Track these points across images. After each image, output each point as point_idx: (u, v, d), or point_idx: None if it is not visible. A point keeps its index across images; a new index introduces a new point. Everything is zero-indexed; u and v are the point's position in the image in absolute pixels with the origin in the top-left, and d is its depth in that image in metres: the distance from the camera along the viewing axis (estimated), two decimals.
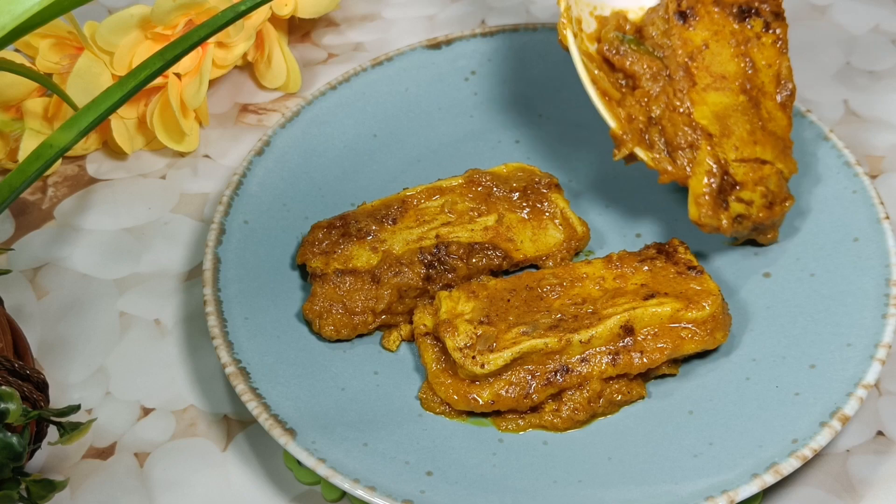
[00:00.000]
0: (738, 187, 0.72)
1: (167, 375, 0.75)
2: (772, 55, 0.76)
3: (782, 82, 0.75)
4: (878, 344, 0.68)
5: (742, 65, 0.75)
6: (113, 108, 0.58)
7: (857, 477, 0.68)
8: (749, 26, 0.76)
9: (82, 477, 0.69)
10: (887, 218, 0.75)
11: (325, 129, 0.86)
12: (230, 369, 0.68)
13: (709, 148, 0.71)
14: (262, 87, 0.97)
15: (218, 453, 0.70)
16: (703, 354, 0.71)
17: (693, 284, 0.71)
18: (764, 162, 0.73)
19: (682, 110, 0.72)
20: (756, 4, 0.76)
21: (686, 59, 0.74)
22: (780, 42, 0.76)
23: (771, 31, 0.76)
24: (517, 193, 0.78)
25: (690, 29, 0.75)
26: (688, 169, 0.71)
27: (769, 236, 0.76)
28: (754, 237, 0.75)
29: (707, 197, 0.71)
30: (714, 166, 0.71)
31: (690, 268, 0.72)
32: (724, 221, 0.71)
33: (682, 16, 0.75)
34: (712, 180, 0.71)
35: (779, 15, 0.77)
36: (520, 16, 1.04)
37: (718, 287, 0.71)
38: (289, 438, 0.64)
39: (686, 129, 0.72)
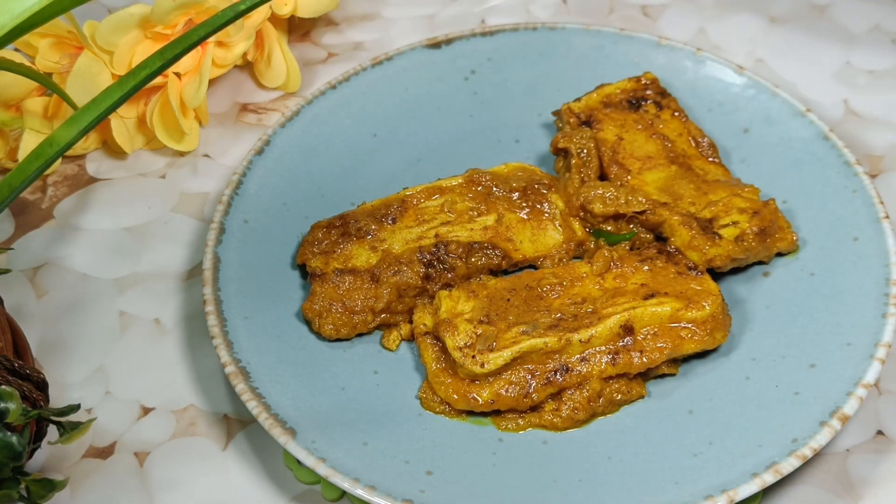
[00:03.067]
0: (713, 221, 0.75)
1: (167, 375, 0.75)
2: (677, 126, 0.83)
3: (698, 141, 0.82)
4: (878, 343, 0.68)
5: (658, 143, 0.81)
6: (113, 108, 0.59)
7: (856, 476, 0.68)
8: (645, 111, 0.84)
9: (82, 476, 0.69)
10: (887, 217, 0.75)
11: (325, 129, 0.86)
12: (230, 369, 0.68)
13: (668, 211, 0.75)
14: (261, 86, 0.97)
15: (218, 452, 0.70)
16: (702, 354, 0.71)
17: (693, 284, 0.71)
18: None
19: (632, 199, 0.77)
20: (640, 94, 0.85)
21: (611, 154, 0.81)
22: (676, 112, 0.84)
23: (665, 108, 0.84)
24: (517, 193, 0.78)
25: (599, 132, 0.82)
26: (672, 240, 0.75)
27: (786, 241, 0.75)
28: (772, 248, 0.75)
29: (696, 238, 0.73)
30: (683, 217, 0.74)
31: (691, 268, 0.72)
32: (729, 246, 0.73)
33: (586, 124, 0.83)
34: (690, 225, 0.73)
35: (664, 93, 0.85)
36: (520, 15, 1.04)
37: (718, 287, 0.71)
38: (289, 438, 0.64)
39: (642, 199, 0.76)
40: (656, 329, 0.69)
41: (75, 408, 0.60)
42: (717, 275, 0.75)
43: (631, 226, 0.77)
